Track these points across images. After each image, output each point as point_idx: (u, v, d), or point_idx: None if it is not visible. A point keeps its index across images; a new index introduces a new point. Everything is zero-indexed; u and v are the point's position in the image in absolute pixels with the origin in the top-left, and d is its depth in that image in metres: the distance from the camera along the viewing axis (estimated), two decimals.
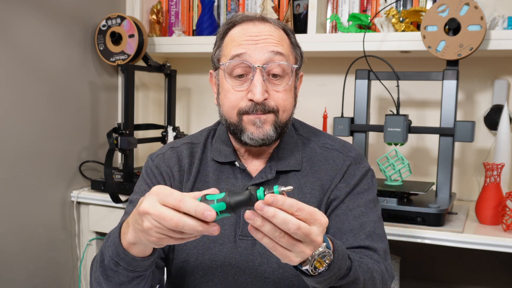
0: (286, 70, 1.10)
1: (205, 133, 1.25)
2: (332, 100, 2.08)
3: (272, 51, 1.08)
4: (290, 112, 1.14)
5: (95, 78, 2.12)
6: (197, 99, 2.42)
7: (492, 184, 1.63)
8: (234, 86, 1.10)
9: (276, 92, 1.09)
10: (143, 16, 2.22)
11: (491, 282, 2.00)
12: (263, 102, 1.07)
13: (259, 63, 1.07)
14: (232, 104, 1.10)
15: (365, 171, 1.18)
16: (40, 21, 1.85)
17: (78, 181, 2.06)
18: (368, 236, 1.10)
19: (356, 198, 1.14)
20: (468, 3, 1.59)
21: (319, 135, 1.24)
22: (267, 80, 1.09)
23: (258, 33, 1.09)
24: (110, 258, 0.95)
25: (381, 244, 1.11)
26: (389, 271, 1.09)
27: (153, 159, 1.22)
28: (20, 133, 1.80)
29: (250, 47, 1.08)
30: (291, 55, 1.13)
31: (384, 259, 1.10)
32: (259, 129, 1.09)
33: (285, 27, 1.15)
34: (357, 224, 1.11)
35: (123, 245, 0.92)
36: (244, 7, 2.14)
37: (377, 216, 1.15)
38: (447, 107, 1.66)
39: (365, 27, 1.87)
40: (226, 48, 1.12)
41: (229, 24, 1.14)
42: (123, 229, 0.93)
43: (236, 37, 1.10)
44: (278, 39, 1.10)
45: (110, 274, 0.97)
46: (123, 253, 0.92)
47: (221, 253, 1.12)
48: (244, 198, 0.79)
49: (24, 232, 1.84)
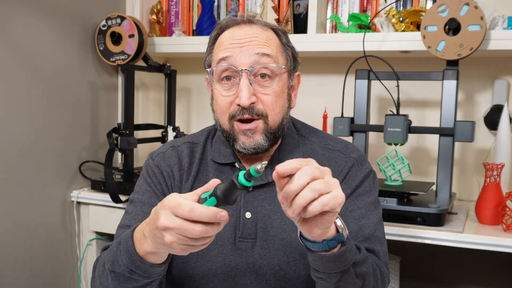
0: (275, 71, 1.08)
1: (205, 132, 1.25)
2: (332, 100, 2.08)
3: (258, 53, 1.06)
4: (281, 115, 1.11)
5: (95, 78, 2.12)
6: (197, 99, 2.42)
7: (492, 184, 1.63)
8: (222, 91, 1.09)
9: (264, 94, 1.07)
10: (143, 16, 2.22)
11: (491, 282, 2.00)
12: (250, 106, 1.06)
13: (245, 66, 1.06)
14: (222, 109, 1.10)
15: (367, 173, 1.17)
16: (40, 21, 1.85)
17: (78, 181, 2.06)
18: (367, 238, 1.09)
19: (356, 199, 1.13)
20: (468, 3, 1.59)
21: (320, 135, 1.23)
22: (255, 82, 1.07)
23: (243, 36, 1.08)
24: (124, 267, 0.93)
25: (380, 246, 1.10)
26: (386, 274, 1.09)
27: (154, 158, 1.22)
28: (20, 133, 1.80)
29: (235, 50, 1.07)
30: (280, 55, 1.11)
31: (383, 261, 1.10)
32: (249, 138, 1.08)
33: (275, 28, 1.13)
34: (356, 226, 1.10)
35: (139, 254, 0.91)
36: (244, 7, 2.14)
37: (378, 218, 1.14)
38: (447, 107, 1.66)
39: (365, 27, 1.87)
40: (215, 54, 1.12)
41: (218, 29, 1.14)
42: (137, 239, 0.92)
43: (223, 42, 1.10)
44: (265, 40, 1.08)
45: (122, 280, 0.96)
46: (139, 261, 0.91)
47: (221, 255, 1.11)
48: (228, 186, 0.79)
49: (24, 232, 1.84)
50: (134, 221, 1.13)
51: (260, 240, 1.11)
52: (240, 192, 0.79)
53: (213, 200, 0.80)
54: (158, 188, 1.17)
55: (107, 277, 0.99)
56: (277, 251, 1.10)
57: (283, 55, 1.12)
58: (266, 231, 1.11)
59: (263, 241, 1.11)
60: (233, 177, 0.79)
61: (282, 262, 1.10)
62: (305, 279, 1.10)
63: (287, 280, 1.10)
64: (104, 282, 1.00)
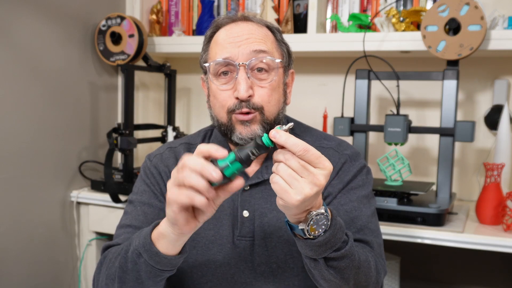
0: (271, 65, 1.10)
1: (202, 133, 1.26)
2: (332, 100, 2.08)
3: (255, 50, 1.08)
4: (278, 109, 1.13)
5: (95, 78, 2.12)
6: (197, 99, 2.42)
7: (492, 184, 1.63)
8: (220, 86, 1.10)
9: (261, 88, 1.09)
10: (143, 16, 2.22)
11: (491, 282, 2.00)
12: (248, 99, 1.07)
13: (242, 61, 1.08)
14: (221, 103, 1.11)
15: (359, 168, 1.17)
16: (40, 21, 1.84)
17: (78, 181, 2.06)
18: (360, 230, 1.09)
19: (349, 193, 1.14)
20: (468, 3, 1.59)
21: (315, 134, 1.24)
22: (252, 75, 1.09)
23: (240, 33, 1.10)
24: (134, 248, 0.95)
25: (374, 238, 1.10)
26: (382, 264, 1.09)
27: (151, 159, 1.23)
28: (20, 133, 1.80)
29: (234, 50, 1.08)
30: (276, 52, 1.13)
31: (377, 253, 1.09)
32: (247, 128, 1.09)
33: (269, 25, 1.15)
34: (348, 218, 1.10)
35: (152, 236, 0.93)
36: (244, 7, 2.14)
37: (371, 211, 1.14)
38: (447, 107, 1.66)
39: (365, 27, 1.87)
40: (211, 51, 1.13)
41: (214, 27, 1.15)
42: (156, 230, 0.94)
43: (220, 40, 1.11)
44: (261, 37, 1.11)
45: (129, 267, 0.97)
46: (148, 244, 0.93)
47: (220, 253, 1.12)
48: (251, 144, 0.83)
49: (24, 232, 1.84)
50: (134, 221, 1.14)
51: (258, 238, 1.12)
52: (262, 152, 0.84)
53: (232, 155, 0.83)
54: (157, 188, 1.18)
55: (114, 265, 1.00)
56: (274, 248, 1.11)
57: (278, 51, 1.14)
58: (263, 229, 1.12)
59: (261, 239, 1.12)
60: (256, 139, 0.83)
61: (280, 259, 1.11)
62: (303, 276, 1.11)
63: (285, 278, 1.11)
64: (112, 274, 1.01)
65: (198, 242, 1.13)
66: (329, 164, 0.84)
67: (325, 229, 0.89)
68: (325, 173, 0.83)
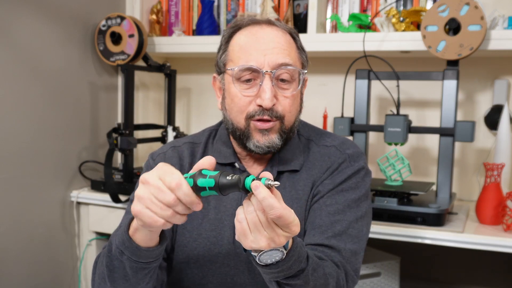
0: (294, 76, 1.10)
1: (206, 133, 1.25)
2: (332, 100, 2.08)
3: (281, 63, 1.07)
4: (295, 117, 1.14)
5: (95, 78, 2.12)
6: (197, 99, 2.42)
7: (492, 184, 1.63)
8: (241, 91, 1.09)
9: (284, 97, 1.09)
10: (143, 16, 2.22)
11: (491, 282, 2.00)
12: (271, 107, 1.07)
13: (268, 69, 1.07)
14: (241, 108, 1.09)
15: (356, 170, 1.15)
16: (40, 21, 1.84)
17: (78, 181, 2.06)
18: (336, 235, 1.07)
19: (337, 195, 1.12)
20: (468, 3, 1.59)
21: (320, 134, 1.23)
22: (276, 85, 1.08)
23: (266, 39, 1.08)
24: (116, 247, 0.96)
25: (350, 245, 1.07)
26: (350, 275, 1.05)
27: (154, 158, 1.22)
28: (20, 133, 1.80)
29: (260, 58, 1.07)
30: (298, 61, 1.13)
31: (348, 261, 1.06)
32: (265, 136, 1.09)
33: (291, 31, 1.14)
34: (328, 221, 1.08)
35: (129, 232, 0.94)
36: (244, 7, 2.14)
37: (356, 216, 1.11)
38: (447, 107, 1.66)
39: (365, 27, 1.87)
40: (234, 54, 1.11)
41: (234, 27, 1.13)
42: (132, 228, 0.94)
43: (244, 44, 1.09)
44: (286, 47, 1.09)
45: (116, 264, 0.97)
46: (128, 241, 0.93)
47: (220, 254, 1.12)
48: (233, 182, 0.82)
49: (24, 232, 1.84)
50: None
51: None
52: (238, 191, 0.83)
53: (212, 182, 0.83)
54: None
55: (103, 264, 1.01)
56: None
57: (299, 60, 1.14)
58: None
59: None
60: (241, 176, 0.82)
61: None
62: None
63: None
64: (102, 273, 1.01)
65: (199, 243, 1.13)
66: (298, 229, 0.83)
67: (278, 260, 0.87)
68: (289, 236, 0.83)
